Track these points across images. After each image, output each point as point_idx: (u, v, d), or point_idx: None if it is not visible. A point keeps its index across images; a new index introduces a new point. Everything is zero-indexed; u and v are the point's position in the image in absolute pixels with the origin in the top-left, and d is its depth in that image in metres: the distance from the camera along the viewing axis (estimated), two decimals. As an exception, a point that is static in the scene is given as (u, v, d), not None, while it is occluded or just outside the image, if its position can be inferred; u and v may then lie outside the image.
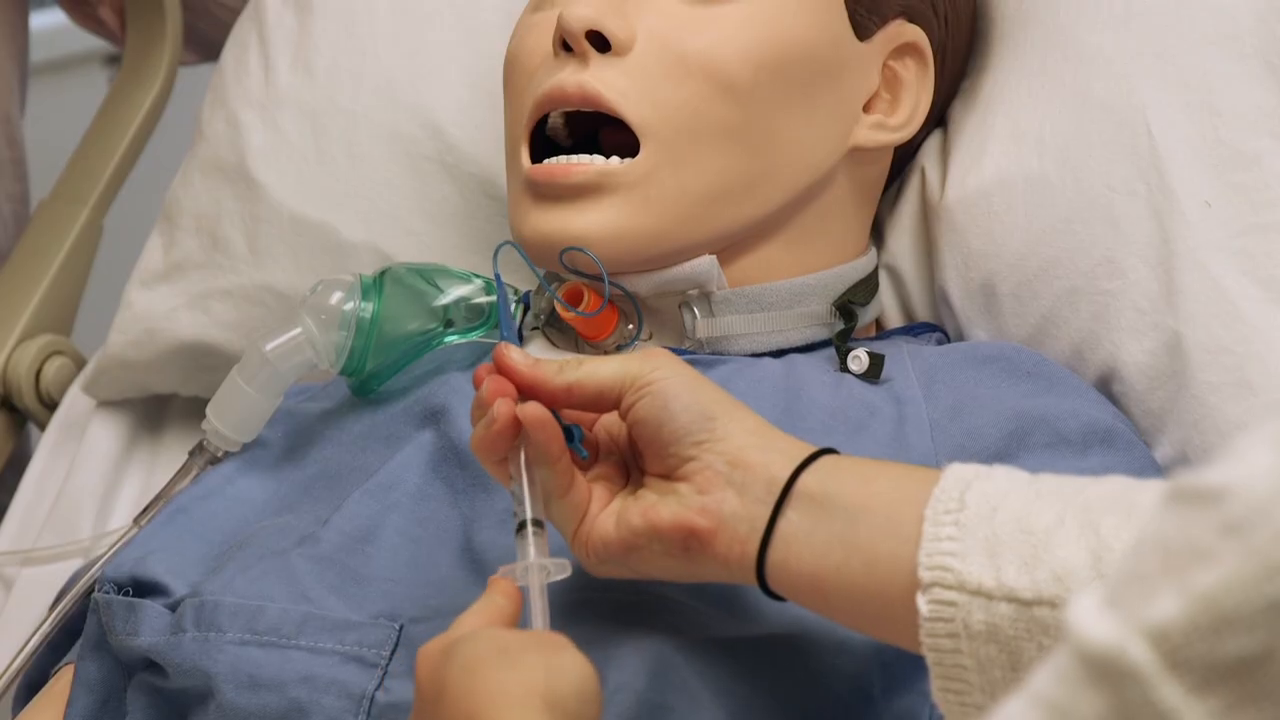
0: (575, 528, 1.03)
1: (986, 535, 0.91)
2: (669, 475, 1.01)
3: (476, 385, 1.04)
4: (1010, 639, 0.90)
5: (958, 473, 0.95)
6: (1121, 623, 0.64)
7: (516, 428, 1.01)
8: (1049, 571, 0.89)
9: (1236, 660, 0.62)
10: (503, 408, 1.01)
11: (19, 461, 1.68)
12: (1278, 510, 0.62)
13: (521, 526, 1.00)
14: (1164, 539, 0.65)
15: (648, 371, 1.02)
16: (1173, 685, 0.63)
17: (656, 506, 1.00)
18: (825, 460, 0.99)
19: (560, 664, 0.91)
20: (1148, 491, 0.91)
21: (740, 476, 0.99)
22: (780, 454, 1.00)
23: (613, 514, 1.02)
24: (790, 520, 0.98)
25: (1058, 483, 0.94)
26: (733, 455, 1.00)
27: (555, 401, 1.03)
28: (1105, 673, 0.64)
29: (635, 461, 1.05)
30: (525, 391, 1.03)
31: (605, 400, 1.03)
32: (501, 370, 1.03)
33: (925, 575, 0.92)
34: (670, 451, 1.01)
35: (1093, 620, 0.65)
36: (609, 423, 1.06)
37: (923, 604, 0.92)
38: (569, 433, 1.04)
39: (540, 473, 1.02)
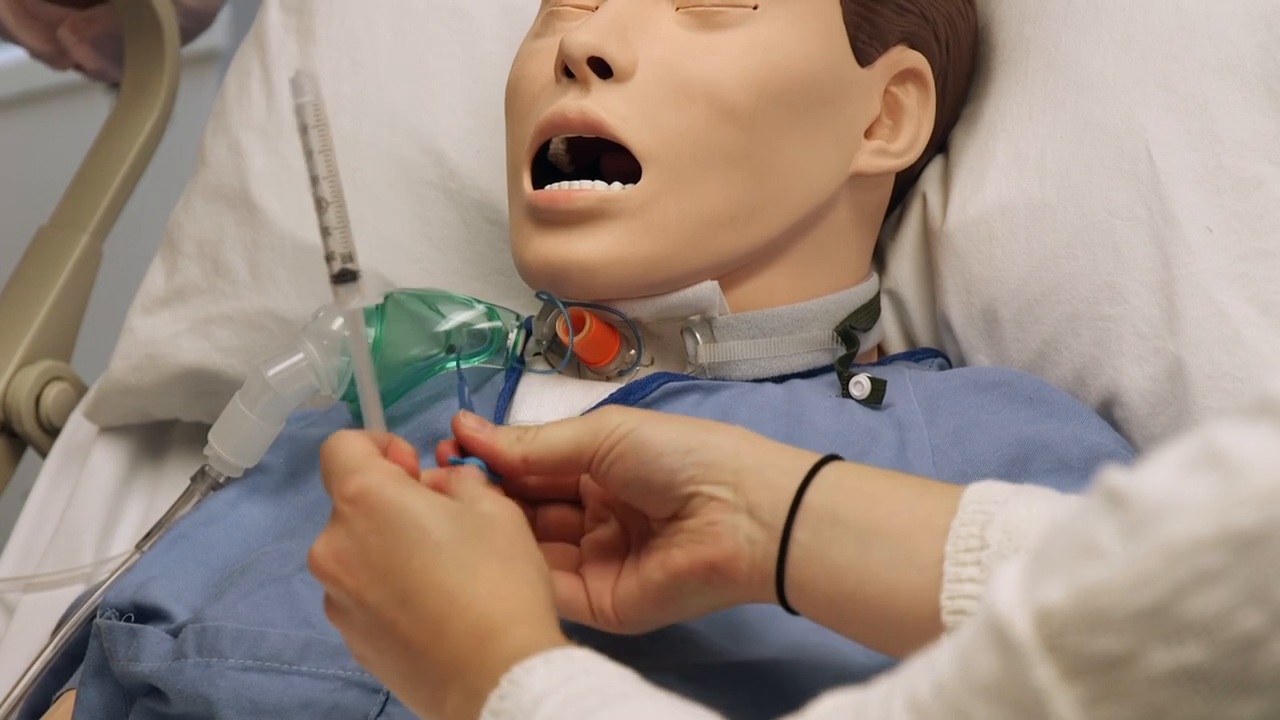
0: (585, 606, 1.02)
1: None
2: (677, 516, 1.00)
3: (440, 460, 1.02)
4: None
5: (978, 502, 0.94)
6: (1020, 597, 0.67)
7: None
8: None
9: (1104, 657, 0.65)
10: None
11: (20, 488, 1.68)
12: (1157, 526, 0.64)
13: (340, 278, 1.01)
14: (1074, 526, 0.67)
15: (609, 432, 0.99)
16: (1047, 666, 0.66)
17: (672, 554, 0.99)
18: (829, 473, 0.98)
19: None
20: None
21: (744, 499, 0.98)
22: (777, 469, 0.98)
23: (633, 578, 1.01)
24: (800, 543, 0.96)
25: None
26: (731, 479, 0.98)
27: (514, 472, 1.01)
28: (998, 639, 0.67)
29: (632, 517, 1.03)
30: (479, 459, 1.02)
31: (568, 467, 1.01)
32: (458, 437, 1.02)
33: (949, 619, 0.92)
34: (669, 496, 0.99)
35: (1004, 586, 0.68)
36: (593, 488, 1.04)
37: None
38: None
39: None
